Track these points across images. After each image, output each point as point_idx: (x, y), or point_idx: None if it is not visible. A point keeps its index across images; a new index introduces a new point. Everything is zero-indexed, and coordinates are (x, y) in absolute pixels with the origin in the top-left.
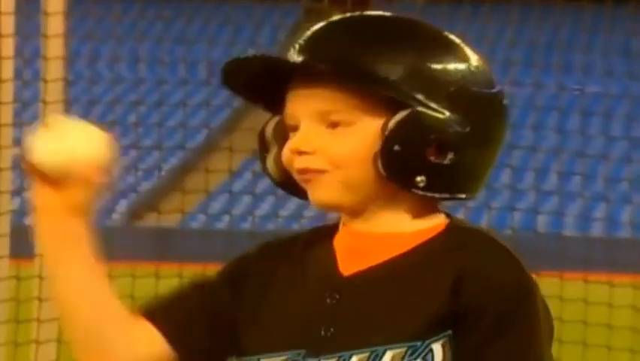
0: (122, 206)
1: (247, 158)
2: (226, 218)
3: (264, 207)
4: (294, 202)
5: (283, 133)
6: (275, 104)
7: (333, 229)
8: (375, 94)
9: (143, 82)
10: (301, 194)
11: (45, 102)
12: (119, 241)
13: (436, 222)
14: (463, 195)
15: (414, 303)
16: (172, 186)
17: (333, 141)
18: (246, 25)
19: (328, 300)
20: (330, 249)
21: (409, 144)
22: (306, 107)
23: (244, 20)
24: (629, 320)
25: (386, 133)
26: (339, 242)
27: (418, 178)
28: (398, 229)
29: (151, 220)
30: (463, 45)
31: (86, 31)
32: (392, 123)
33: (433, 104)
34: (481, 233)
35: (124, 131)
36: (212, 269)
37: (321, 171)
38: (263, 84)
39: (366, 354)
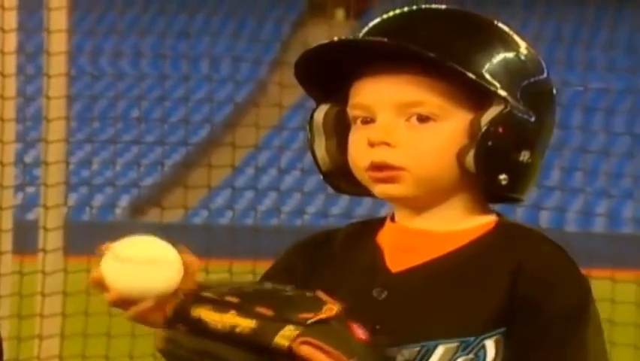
0: (125, 201)
1: (250, 153)
2: (229, 213)
3: (267, 202)
4: (295, 198)
5: (336, 123)
6: (327, 91)
7: (375, 224)
8: (465, 88)
9: (146, 77)
10: (349, 189)
11: (48, 97)
12: (122, 236)
13: (487, 220)
14: (521, 198)
15: (468, 299)
16: (174, 181)
17: (419, 136)
18: (249, 19)
19: (376, 296)
20: (375, 245)
21: (502, 141)
22: (389, 96)
23: (247, 15)
24: (632, 316)
25: (483, 129)
26: (386, 238)
27: (502, 176)
28: (451, 228)
29: (153, 216)
30: (518, 37)
31: (88, 27)
32: (487, 119)
33: (515, 100)
34: (536, 230)
35: (126, 127)
36: (214, 265)
37: (401, 169)
38: (320, 72)
39: (417, 349)
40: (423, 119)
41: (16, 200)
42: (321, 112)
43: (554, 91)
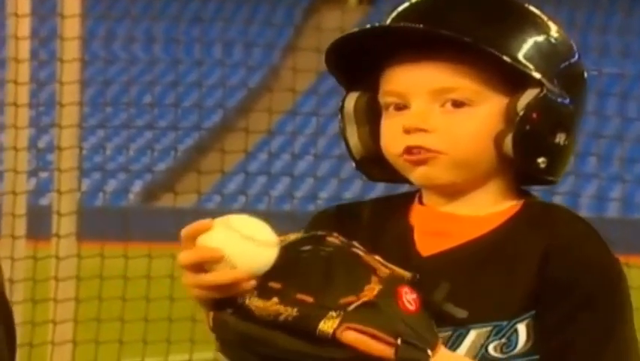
0: (138, 187)
1: (263, 138)
2: (242, 199)
3: (280, 188)
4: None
5: (368, 110)
6: (357, 78)
7: (403, 203)
8: (499, 72)
9: (158, 62)
10: (382, 176)
11: (61, 83)
12: (136, 221)
13: (515, 202)
14: (555, 180)
15: (499, 283)
16: (188, 166)
17: (454, 121)
18: (262, 4)
19: (407, 278)
20: (407, 225)
21: (539, 125)
22: (423, 82)
23: (260, 0)
24: None
25: (520, 113)
26: (418, 220)
27: (540, 160)
28: (481, 212)
29: (167, 201)
30: (550, 20)
31: (101, 11)
32: (524, 102)
33: (550, 83)
34: (565, 209)
35: (139, 112)
36: None
37: (438, 152)
38: (350, 59)
39: (449, 333)
40: (458, 104)
41: (30, 185)
42: (352, 99)
43: (586, 73)
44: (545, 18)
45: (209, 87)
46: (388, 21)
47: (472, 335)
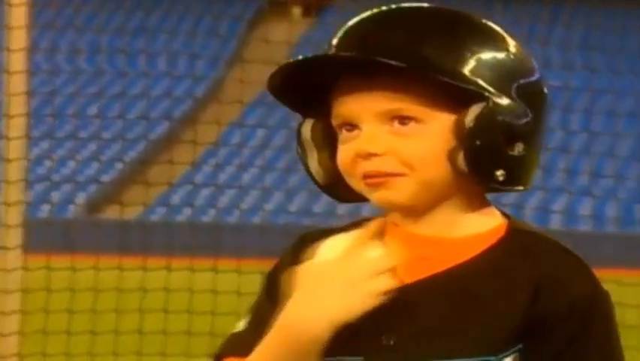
0: (82, 198)
1: (209, 149)
2: (188, 210)
3: (224, 200)
4: (253, 196)
5: (324, 135)
6: (305, 104)
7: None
8: (445, 88)
9: (104, 73)
10: (349, 197)
11: (8, 95)
12: (82, 233)
13: (495, 224)
14: (523, 188)
15: (487, 315)
16: (133, 178)
17: (405, 141)
18: (206, 16)
19: (388, 307)
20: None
21: (489, 138)
22: (369, 106)
23: (204, 12)
24: (636, 319)
25: (467, 128)
26: (395, 244)
27: (498, 172)
28: (458, 233)
29: (113, 212)
30: (506, 34)
31: (45, 22)
32: (471, 117)
33: (502, 95)
34: (549, 239)
35: (84, 124)
36: (175, 262)
37: (396, 175)
38: (297, 85)
39: None
40: (405, 123)
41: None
42: (308, 126)
43: (541, 79)
44: (501, 31)
45: (155, 98)
46: (330, 47)
47: None
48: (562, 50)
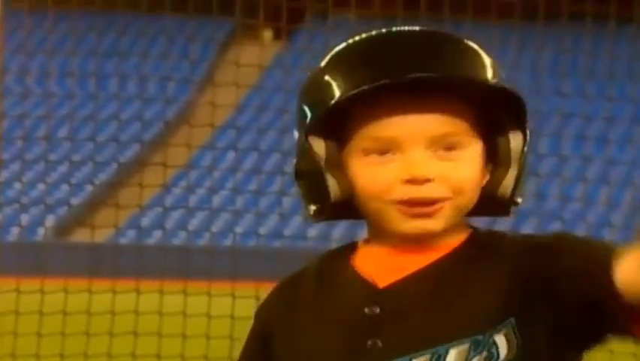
0: (51, 221)
1: (179, 172)
2: (158, 233)
3: (195, 222)
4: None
5: (336, 155)
6: (322, 126)
7: (343, 252)
8: (476, 115)
9: (75, 96)
10: (343, 215)
11: None
12: (52, 256)
13: (461, 229)
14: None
15: (467, 297)
16: (104, 200)
17: (454, 166)
18: (178, 38)
19: (368, 313)
20: (354, 270)
21: (525, 163)
22: (420, 130)
23: (176, 34)
24: None
25: (516, 154)
26: (366, 261)
27: (519, 199)
28: (435, 243)
29: (83, 235)
30: None
31: (15, 45)
32: (518, 143)
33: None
34: (508, 232)
35: (55, 146)
36: (145, 285)
37: (445, 199)
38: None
39: (427, 356)
40: (449, 148)
41: None
42: (321, 144)
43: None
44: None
45: (126, 121)
46: (377, 69)
47: (452, 354)
48: (532, 73)
